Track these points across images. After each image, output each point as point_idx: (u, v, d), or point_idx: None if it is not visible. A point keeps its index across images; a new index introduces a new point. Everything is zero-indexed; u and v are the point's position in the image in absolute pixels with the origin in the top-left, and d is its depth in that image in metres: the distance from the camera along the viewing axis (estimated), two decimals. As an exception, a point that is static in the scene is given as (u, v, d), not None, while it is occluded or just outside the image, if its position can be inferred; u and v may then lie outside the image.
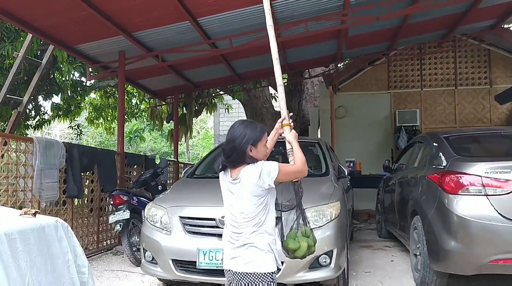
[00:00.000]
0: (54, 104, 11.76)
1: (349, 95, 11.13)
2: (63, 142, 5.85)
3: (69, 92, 11.39)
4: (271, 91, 13.71)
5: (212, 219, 3.93)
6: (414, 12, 7.23)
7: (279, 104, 2.70)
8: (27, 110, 10.91)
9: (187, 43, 7.44)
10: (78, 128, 14.78)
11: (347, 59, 12.06)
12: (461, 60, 10.95)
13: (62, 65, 9.79)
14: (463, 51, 10.90)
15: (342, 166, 5.45)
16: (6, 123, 10.02)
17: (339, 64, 11.47)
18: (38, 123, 11.95)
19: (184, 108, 12.95)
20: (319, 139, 6.64)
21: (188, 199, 4.48)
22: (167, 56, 8.07)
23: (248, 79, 11.39)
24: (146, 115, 14.35)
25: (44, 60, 9.26)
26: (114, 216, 5.75)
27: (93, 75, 9.61)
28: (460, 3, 7.31)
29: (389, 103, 11.10)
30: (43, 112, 11.94)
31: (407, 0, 7.05)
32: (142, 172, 7.66)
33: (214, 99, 13.52)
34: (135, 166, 8.05)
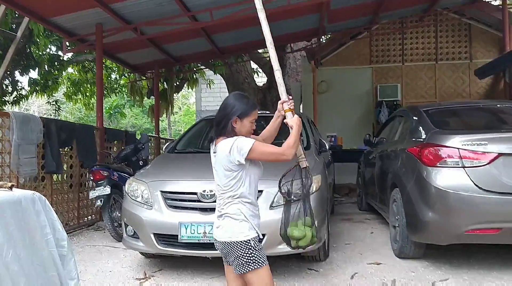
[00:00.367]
0: (31, 79, 11.47)
1: (331, 70, 11.11)
2: (41, 117, 5.73)
3: (46, 66, 11.12)
4: (253, 65, 13.58)
5: (194, 193, 3.94)
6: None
7: (278, 89, 2.65)
8: (4, 86, 10.63)
9: (167, 15, 7.27)
10: (56, 103, 14.46)
11: (329, 34, 11.99)
12: (442, 34, 10.98)
13: (38, 38, 9.51)
14: (444, 25, 10.93)
15: (323, 141, 5.49)
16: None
17: (321, 39, 11.40)
18: (16, 99, 11.68)
19: (165, 83, 12.77)
20: (301, 113, 6.64)
21: (169, 173, 4.47)
22: (146, 29, 7.89)
23: (230, 54, 11.24)
24: (126, 91, 14.11)
25: (19, 33, 8.94)
26: (94, 192, 5.70)
27: (70, 49, 9.36)
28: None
29: (370, 77, 11.14)
30: (20, 87, 11.64)
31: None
32: (123, 147, 7.58)
33: (195, 74, 13.34)
34: (115, 141, 7.96)
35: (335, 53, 11.27)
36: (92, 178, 5.98)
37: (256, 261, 2.22)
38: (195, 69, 13.07)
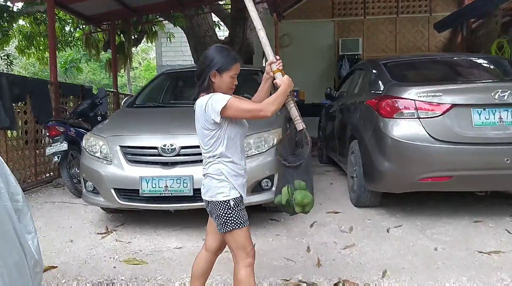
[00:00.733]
0: (-21, 32, 10.75)
1: (293, 23, 10.98)
2: (-12, 70, 5.42)
3: (-6, 18, 10.41)
4: (214, 18, 13.20)
5: (154, 147, 3.89)
6: None
7: (264, 50, 2.45)
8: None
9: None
10: (8, 58, 13.71)
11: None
12: (403, -13, 11.01)
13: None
14: (406, -22, 10.94)
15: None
16: None
17: (284, -10, 11.15)
18: (-37, 53, 10.97)
19: (122, 36, 12.26)
20: (263, 67, 6.55)
21: (128, 128, 4.38)
22: (100, -23, 7.47)
23: (190, 5, 10.86)
24: (81, 44, 13.48)
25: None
26: (51, 148, 5.54)
27: (18, -2, 8.77)
28: None
29: (332, 31, 11.12)
30: (-33, 40, 10.92)
31: None
32: (80, 103, 7.33)
33: (154, 27, 12.85)
34: (72, 97, 7.67)
35: (297, 5, 11.11)
36: (48, 134, 5.79)
37: (235, 222, 2.15)
38: (154, 21, 12.58)
